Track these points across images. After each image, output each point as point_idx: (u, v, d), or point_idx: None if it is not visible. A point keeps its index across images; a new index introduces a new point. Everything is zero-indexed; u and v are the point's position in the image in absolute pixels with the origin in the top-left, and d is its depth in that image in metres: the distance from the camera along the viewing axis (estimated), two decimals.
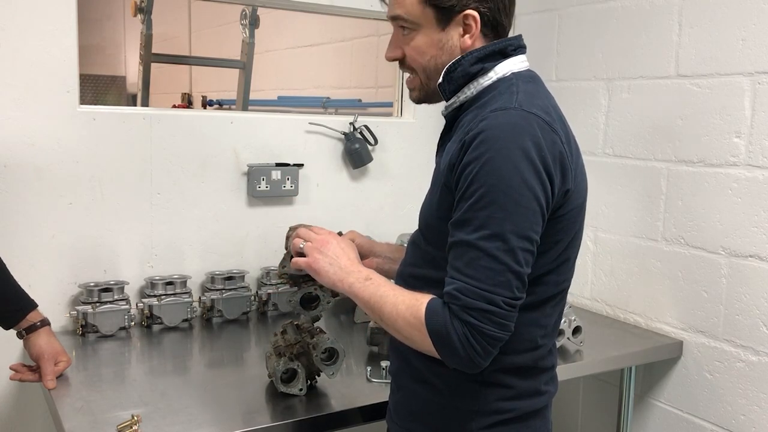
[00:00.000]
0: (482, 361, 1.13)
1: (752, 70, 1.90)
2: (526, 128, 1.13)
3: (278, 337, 1.62)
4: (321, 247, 1.31)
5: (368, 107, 2.91)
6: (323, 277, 1.30)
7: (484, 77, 1.25)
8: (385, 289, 1.23)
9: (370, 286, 1.24)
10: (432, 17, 1.24)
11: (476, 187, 1.12)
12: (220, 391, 1.62)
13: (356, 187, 2.45)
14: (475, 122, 1.17)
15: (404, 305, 1.19)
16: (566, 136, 1.21)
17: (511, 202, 1.10)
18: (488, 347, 1.12)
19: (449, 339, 1.12)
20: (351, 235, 1.47)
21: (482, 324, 1.11)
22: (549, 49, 2.50)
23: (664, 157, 2.14)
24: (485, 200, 1.11)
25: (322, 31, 3.70)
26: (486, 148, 1.12)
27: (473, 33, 1.24)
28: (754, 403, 1.92)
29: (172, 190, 2.14)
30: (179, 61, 4.25)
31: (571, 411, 2.49)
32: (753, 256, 1.91)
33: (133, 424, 1.36)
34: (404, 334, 1.19)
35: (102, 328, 1.95)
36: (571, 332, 1.94)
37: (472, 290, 1.11)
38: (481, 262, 1.11)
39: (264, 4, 2.53)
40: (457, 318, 1.12)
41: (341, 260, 1.30)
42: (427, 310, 1.15)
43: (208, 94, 4.20)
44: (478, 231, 1.11)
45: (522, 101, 1.17)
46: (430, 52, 1.26)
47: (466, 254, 1.13)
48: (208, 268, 2.21)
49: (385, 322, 1.22)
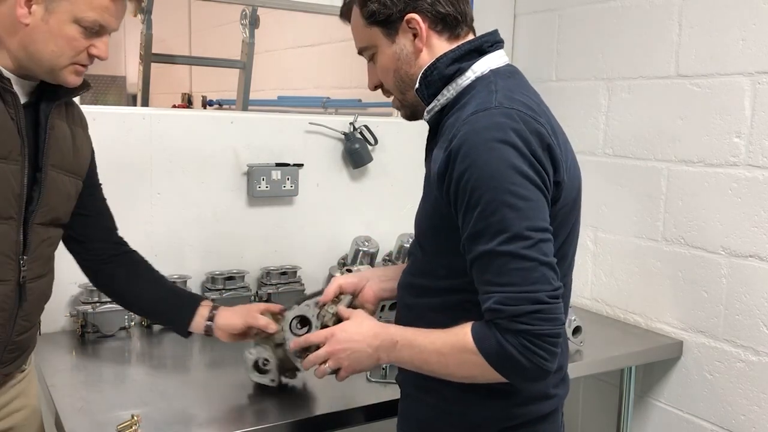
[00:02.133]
0: (550, 364, 1.09)
1: (752, 70, 1.90)
2: (509, 123, 1.10)
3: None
4: (339, 353, 1.27)
5: (368, 107, 2.90)
6: (364, 369, 1.28)
7: (461, 77, 1.22)
8: (419, 342, 1.18)
9: (403, 349, 1.20)
10: (380, 34, 1.24)
11: (479, 194, 1.09)
12: (220, 391, 1.61)
13: (356, 187, 2.45)
14: (457, 127, 1.14)
15: (447, 347, 1.15)
16: (552, 128, 1.17)
17: (517, 198, 1.08)
18: (550, 348, 1.08)
19: (509, 356, 1.08)
20: (338, 282, 1.45)
21: (536, 326, 1.06)
22: (549, 49, 2.50)
23: (664, 157, 2.14)
24: (493, 205, 1.08)
25: (322, 31, 3.70)
26: (476, 154, 1.09)
27: (423, 35, 1.22)
28: (754, 403, 1.92)
29: (172, 190, 2.14)
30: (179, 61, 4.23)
31: (571, 411, 2.49)
32: (753, 256, 1.91)
33: (133, 424, 1.36)
34: (462, 374, 1.16)
35: (102, 328, 1.95)
36: (571, 332, 1.93)
37: (512, 297, 1.07)
38: (510, 266, 1.08)
39: (264, 4, 2.53)
40: (508, 331, 1.08)
41: (362, 346, 1.25)
42: (475, 337, 1.11)
43: (208, 94, 4.19)
44: (496, 237, 1.08)
45: (501, 99, 1.14)
46: (391, 66, 1.26)
47: (493, 264, 1.09)
48: (208, 268, 2.21)
49: (438, 373, 1.18)
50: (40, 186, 1.36)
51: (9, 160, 1.30)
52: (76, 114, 1.49)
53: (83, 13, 1.27)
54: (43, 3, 1.25)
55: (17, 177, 1.32)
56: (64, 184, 1.44)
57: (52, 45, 1.27)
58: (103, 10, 1.28)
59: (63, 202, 1.45)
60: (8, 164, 1.30)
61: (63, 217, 1.46)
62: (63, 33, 1.27)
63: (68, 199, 1.47)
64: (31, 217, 1.36)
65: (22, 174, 1.33)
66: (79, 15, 1.27)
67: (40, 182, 1.36)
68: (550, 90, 2.47)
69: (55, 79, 1.33)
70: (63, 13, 1.26)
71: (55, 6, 1.25)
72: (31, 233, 1.37)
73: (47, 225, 1.42)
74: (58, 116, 1.41)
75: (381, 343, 1.22)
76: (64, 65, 1.30)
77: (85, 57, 1.32)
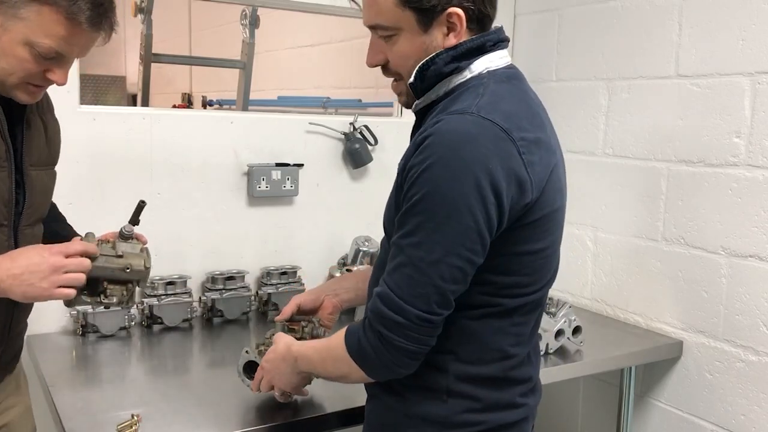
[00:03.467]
0: (402, 369, 1.15)
1: (752, 70, 1.90)
2: (477, 139, 1.07)
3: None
4: (270, 377, 1.40)
5: (368, 107, 2.90)
6: (295, 383, 1.39)
7: (458, 76, 1.18)
8: (309, 353, 1.30)
9: (302, 363, 1.31)
10: (413, 20, 1.15)
11: (414, 191, 1.09)
12: (220, 391, 1.61)
13: (356, 187, 2.45)
14: (431, 124, 1.12)
15: (326, 350, 1.25)
16: (530, 143, 1.12)
17: (443, 213, 1.07)
18: (403, 358, 1.13)
19: (363, 350, 1.14)
20: (297, 301, 1.53)
21: (393, 335, 1.11)
22: (549, 49, 2.50)
23: (664, 157, 2.14)
24: (419, 207, 1.08)
25: (322, 31, 3.70)
26: (430, 153, 1.08)
27: (459, 31, 1.16)
28: (754, 403, 1.92)
29: (172, 190, 2.14)
30: (179, 61, 4.25)
31: (571, 411, 2.49)
32: (753, 256, 1.91)
33: (133, 424, 1.36)
34: (337, 373, 1.25)
35: (102, 328, 1.95)
36: (571, 332, 1.93)
37: (390, 298, 1.10)
38: (405, 269, 1.10)
39: (264, 4, 2.53)
40: (370, 328, 1.13)
41: (280, 367, 1.36)
42: (345, 335, 1.19)
43: (208, 94, 4.20)
44: (409, 237, 1.09)
45: (482, 105, 1.10)
46: (414, 55, 1.18)
47: (396, 257, 1.12)
48: (208, 268, 2.21)
49: (326, 375, 1.29)
50: (23, 188, 1.34)
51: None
52: (43, 99, 1.42)
53: (37, 38, 1.20)
54: (1, 17, 1.20)
55: (6, 183, 1.30)
56: (43, 181, 1.41)
57: (3, 62, 1.22)
58: (60, 39, 1.21)
59: (45, 199, 1.44)
60: None
61: (44, 212, 1.45)
62: (14, 53, 1.21)
63: (48, 193, 1.46)
64: (19, 220, 1.35)
65: (10, 179, 1.30)
66: (33, 39, 1.20)
67: (23, 185, 1.34)
68: (550, 90, 2.48)
69: (6, 94, 1.27)
70: (16, 33, 1.20)
71: (10, 24, 1.19)
72: (21, 236, 1.36)
73: (33, 225, 1.40)
74: (30, 110, 1.36)
75: (289, 362, 1.34)
76: (14, 83, 1.25)
77: (41, 78, 1.26)
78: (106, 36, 1.27)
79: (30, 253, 1.25)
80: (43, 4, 1.18)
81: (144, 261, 1.41)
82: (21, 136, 1.33)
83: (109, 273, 1.36)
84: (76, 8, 1.19)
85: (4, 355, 1.42)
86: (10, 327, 1.40)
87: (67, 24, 1.20)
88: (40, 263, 1.23)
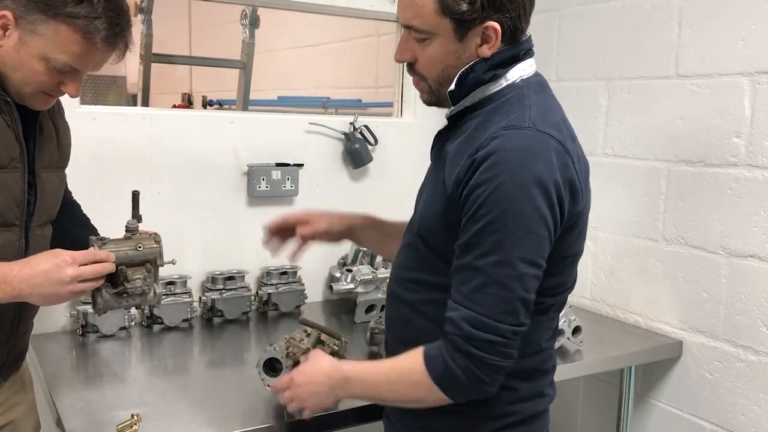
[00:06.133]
0: (491, 389, 1.15)
1: (752, 70, 1.90)
2: (541, 153, 1.12)
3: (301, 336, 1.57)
4: (300, 395, 1.32)
5: (368, 107, 2.90)
6: (326, 405, 1.32)
7: (494, 84, 1.22)
8: (370, 374, 1.25)
9: (355, 385, 1.25)
10: (450, 28, 1.18)
11: (485, 210, 1.10)
12: (220, 391, 1.62)
13: (356, 187, 2.45)
14: (487, 139, 1.14)
15: (396, 373, 1.21)
16: (577, 154, 1.19)
17: (521, 228, 1.09)
18: (495, 375, 1.14)
19: (454, 376, 1.13)
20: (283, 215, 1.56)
21: (487, 355, 1.11)
22: (549, 49, 2.50)
23: (664, 157, 2.14)
24: (494, 225, 1.10)
25: (322, 31, 3.71)
26: (498, 171, 1.10)
27: (492, 44, 1.19)
28: (754, 403, 1.92)
29: (172, 190, 2.14)
30: (179, 61, 4.25)
31: (571, 411, 2.49)
32: (753, 256, 1.91)
33: (133, 424, 1.36)
34: (412, 397, 1.21)
35: (102, 328, 1.95)
36: (571, 332, 1.94)
37: (478, 319, 1.10)
38: (489, 289, 1.10)
39: (264, 4, 2.53)
40: (458, 351, 1.12)
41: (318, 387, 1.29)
42: (425, 357, 1.16)
43: (208, 94, 4.20)
44: (487, 257, 1.10)
45: (535, 119, 1.15)
46: (446, 62, 1.21)
47: (473, 280, 1.12)
48: (208, 268, 2.21)
49: (390, 400, 1.25)
50: (35, 190, 1.37)
51: (10, 168, 1.31)
52: (55, 104, 1.46)
53: (53, 53, 1.25)
54: (18, 31, 1.24)
55: (18, 184, 1.33)
56: (54, 183, 1.45)
57: (20, 73, 1.27)
58: (75, 56, 1.27)
59: (55, 200, 1.47)
60: (9, 172, 1.31)
61: (54, 213, 1.48)
62: (30, 66, 1.27)
63: (58, 195, 1.48)
64: (31, 221, 1.37)
65: (22, 180, 1.34)
66: (49, 55, 1.25)
67: (35, 186, 1.37)
68: None
69: (22, 101, 1.32)
70: (34, 48, 1.25)
71: (28, 39, 1.25)
72: (32, 237, 1.38)
73: (43, 226, 1.43)
74: (43, 115, 1.41)
75: (335, 382, 1.27)
76: (30, 92, 1.31)
77: (54, 89, 1.32)
78: (120, 54, 1.33)
79: (47, 261, 1.26)
80: (60, 22, 1.23)
81: (153, 238, 1.44)
82: (34, 139, 1.37)
83: (123, 255, 1.38)
84: (93, 28, 1.24)
85: (10, 354, 1.44)
86: (18, 326, 1.42)
87: (83, 42, 1.25)
88: (58, 270, 1.25)
